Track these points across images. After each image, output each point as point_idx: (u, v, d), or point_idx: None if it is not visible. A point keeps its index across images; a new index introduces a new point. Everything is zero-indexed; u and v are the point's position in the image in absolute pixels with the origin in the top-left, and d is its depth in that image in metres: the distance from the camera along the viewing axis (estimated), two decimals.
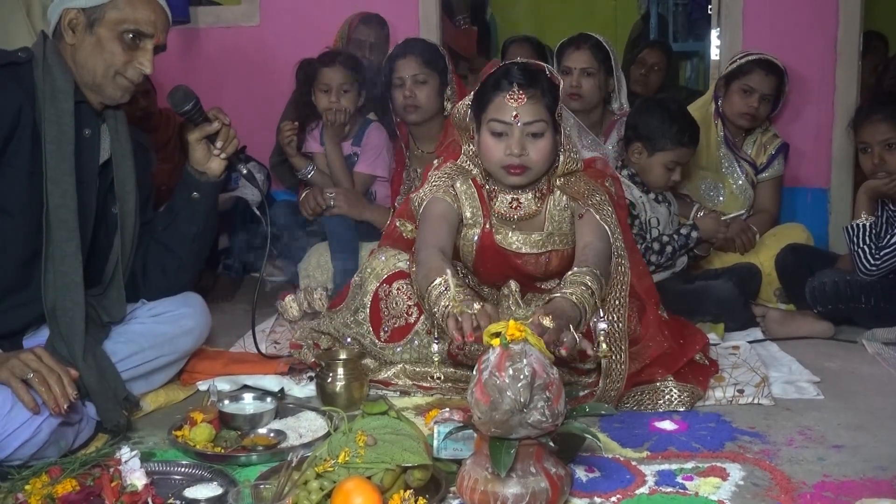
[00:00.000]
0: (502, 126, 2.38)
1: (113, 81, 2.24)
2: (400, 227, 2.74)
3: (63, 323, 2.15)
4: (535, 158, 2.40)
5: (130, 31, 2.21)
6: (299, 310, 3.30)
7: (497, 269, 2.58)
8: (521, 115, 2.36)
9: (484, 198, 2.53)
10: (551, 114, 2.40)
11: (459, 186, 2.53)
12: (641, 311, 2.50)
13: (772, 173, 3.85)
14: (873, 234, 3.09)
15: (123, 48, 2.21)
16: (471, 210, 2.54)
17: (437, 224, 2.46)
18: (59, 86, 2.18)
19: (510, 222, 2.54)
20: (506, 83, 2.38)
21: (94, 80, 2.24)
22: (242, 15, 4.56)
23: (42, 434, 1.93)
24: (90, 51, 2.21)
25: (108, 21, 2.20)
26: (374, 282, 2.64)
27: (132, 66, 2.24)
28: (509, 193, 2.53)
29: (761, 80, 3.73)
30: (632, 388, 2.40)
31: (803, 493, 1.86)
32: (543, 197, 2.53)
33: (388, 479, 1.75)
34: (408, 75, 3.54)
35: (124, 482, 1.80)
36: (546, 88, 2.39)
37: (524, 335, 1.73)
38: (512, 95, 2.36)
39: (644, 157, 3.31)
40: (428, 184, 2.56)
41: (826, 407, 2.40)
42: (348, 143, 3.72)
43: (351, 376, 2.39)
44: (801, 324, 3.14)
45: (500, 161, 2.40)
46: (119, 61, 2.22)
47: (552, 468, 1.74)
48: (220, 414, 2.21)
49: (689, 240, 3.29)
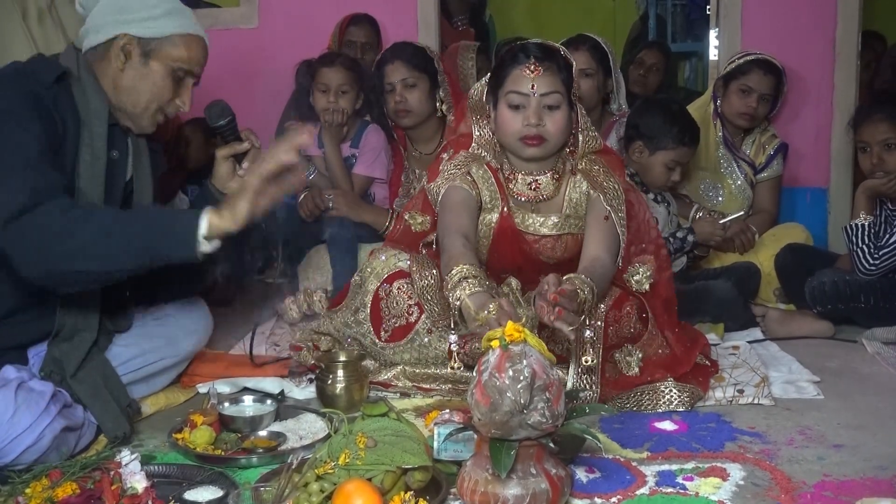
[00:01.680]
0: (520, 98, 2.44)
1: (153, 115, 2.25)
2: (409, 220, 2.75)
3: (71, 342, 2.15)
4: (551, 130, 2.46)
5: (182, 70, 2.23)
6: (299, 312, 3.30)
7: (510, 256, 2.59)
8: (538, 87, 2.42)
9: (500, 181, 2.56)
10: (567, 89, 2.46)
11: (475, 172, 2.56)
12: (641, 308, 2.51)
13: (771, 173, 3.85)
14: (872, 233, 3.09)
15: (172, 85, 2.23)
16: (489, 193, 2.57)
17: (458, 211, 2.49)
18: (93, 108, 2.17)
19: (528, 205, 2.58)
20: (523, 56, 2.46)
21: (133, 109, 2.23)
22: (241, 17, 4.56)
23: (45, 440, 1.93)
24: (138, 80, 2.20)
25: (163, 56, 2.20)
26: (375, 281, 2.64)
27: (173, 102, 2.26)
28: (528, 175, 2.56)
29: (759, 80, 3.73)
30: (632, 388, 2.41)
31: (803, 492, 1.86)
32: (561, 178, 2.57)
33: (389, 480, 1.75)
34: (397, 80, 3.56)
35: (125, 485, 1.80)
36: (562, 65, 2.47)
37: (523, 336, 1.73)
38: (529, 67, 2.43)
39: (645, 156, 3.32)
40: (444, 173, 2.59)
41: (826, 406, 2.40)
42: (346, 145, 3.72)
43: (351, 378, 2.39)
44: (801, 323, 3.14)
45: (518, 132, 2.46)
46: (166, 98, 2.24)
47: (552, 469, 1.75)
48: (220, 416, 2.21)
49: (686, 243, 3.30)
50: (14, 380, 1.99)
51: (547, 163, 2.57)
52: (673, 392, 2.38)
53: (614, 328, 2.47)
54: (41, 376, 2.12)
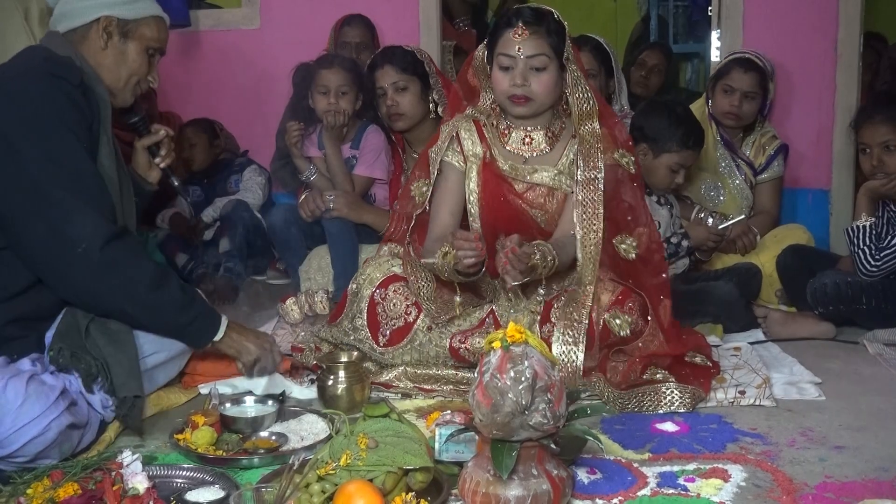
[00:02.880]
0: (508, 60, 2.58)
1: (133, 88, 2.47)
2: (414, 192, 2.81)
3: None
4: (537, 90, 2.58)
5: (154, 49, 2.46)
6: (300, 312, 3.31)
7: (500, 210, 2.66)
8: (524, 49, 2.55)
9: (483, 134, 2.70)
10: (556, 52, 2.57)
11: (463, 134, 2.71)
12: (644, 304, 2.51)
13: (771, 174, 3.85)
14: (874, 235, 3.08)
15: (146, 61, 2.45)
16: (471, 145, 2.69)
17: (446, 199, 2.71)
18: (99, 93, 2.34)
19: (520, 157, 2.69)
20: (513, 20, 2.59)
21: (116, 85, 2.42)
22: (243, 18, 4.57)
23: (50, 433, 1.95)
24: (119, 59, 2.40)
25: (140, 35, 2.41)
26: (370, 287, 2.67)
27: (146, 78, 2.48)
28: (522, 130, 2.68)
29: (740, 79, 3.74)
30: (632, 388, 2.41)
31: (805, 494, 1.86)
32: (557, 138, 2.67)
33: (390, 481, 1.75)
34: (387, 84, 3.56)
35: (126, 486, 1.80)
36: (552, 28, 2.58)
37: (525, 337, 1.73)
38: (517, 31, 2.56)
39: (649, 158, 3.31)
40: (442, 133, 2.74)
41: (827, 408, 2.40)
42: (347, 146, 3.72)
43: (352, 379, 2.39)
44: (803, 325, 3.14)
45: (506, 91, 2.60)
46: (143, 73, 2.45)
47: (554, 470, 1.75)
48: (221, 417, 2.21)
49: (680, 248, 3.30)
50: (27, 371, 2.02)
51: (539, 120, 2.68)
52: (674, 393, 2.38)
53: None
54: (50, 356, 2.15)
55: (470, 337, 2.54)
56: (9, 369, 2.02)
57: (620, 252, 2.60)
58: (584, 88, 2.66)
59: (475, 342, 2.51)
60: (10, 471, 1.92)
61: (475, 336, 2.54)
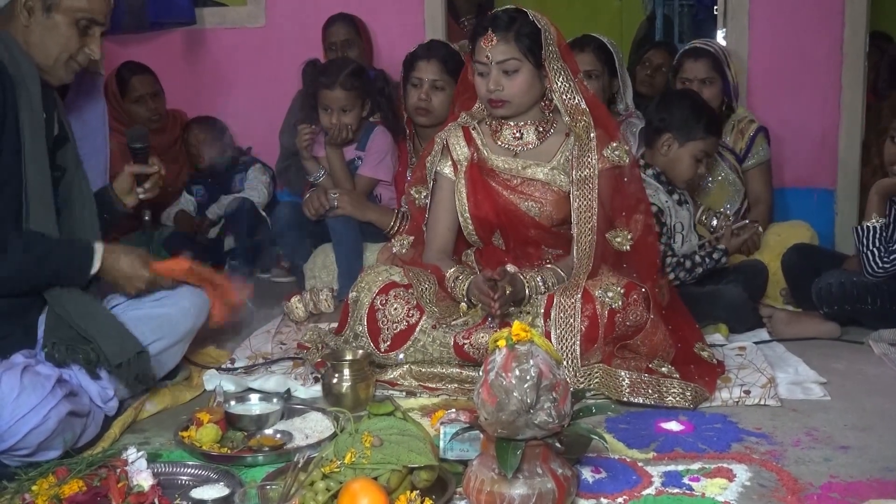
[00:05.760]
0: (482, 66, 2.68)
1: (66, 65, 2.34)
2: (414, 195, 2.89)
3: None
4: (511, 92, 2.65)
5: (85, 19, 2.31)
6: (305, 310, 3.31)
7: (493, 208, 2.71)
8: (494, 55, 2.63)
9: (471, 137, 2.78)
10: (528, 53, 2.62)
11: (452, 141, 2.80)
12: (646, 299, 2.51)
13: (757, 160, 3.79)
14: (883, 236, 3.04)
15: (77, 34, 2.31)
16: (459, 150, 2.77)
17: (441, 215, 2.80)
18: (25, 69, 2.25)
19: (511, 151, 2.75)
20: (482, 29, 2.68)
21: (46, 63, 2.31)
22: (248, 16, 4.58)
23: (50, 422, 1.95)
24: (45, 34, 2.29)
25: (64, 7, 2.28)
26: (369, 294, 2.67)
27: (83, 51, 2.34)
28: (513, 127, 2.76)
29: (692, 67, 3.77)
30: (634, 387, 2.41)
31: (810, 494, 1.86)
32: (545, 133, 2.74)
33: (395, 479, 1.75)
34: (427, 78, 3.50)
35: (131, 483, 1.80)
36: (523, 31, 2.63)
37: (530, 336, 1.73)
38: (487, 38, 2.64)
39: (674, 148, 3.25)
40: (434, 146, 2.83)
41: (833, 408, 2.39)
42: (352, 148, 3.70)
43: (357, 377, 2.39)
44: (808, 325, 3.13)
45: (484, 96, 2.70)
46: (74, 47, 2.32)
47: (558, 469, 1.75)
48: (226, 415, 2.22)
49: (719, 264, 3.29)
50: (20, 364, 2.02)
51: (525, 116, 2.74)
52: (676, 390, 2.37)
53: (621, 315, 2.48)
54: (45, 353, 2.15)
55: (474, 333, 2.54)
56: (1, 364, 2.02)
57: (614, 245, 2.66)
58: (568, 83, 2.68)
59: (479, 338, 2.51)
60: (15, 466, 1.93)
61: (479, 332, 2.54)
